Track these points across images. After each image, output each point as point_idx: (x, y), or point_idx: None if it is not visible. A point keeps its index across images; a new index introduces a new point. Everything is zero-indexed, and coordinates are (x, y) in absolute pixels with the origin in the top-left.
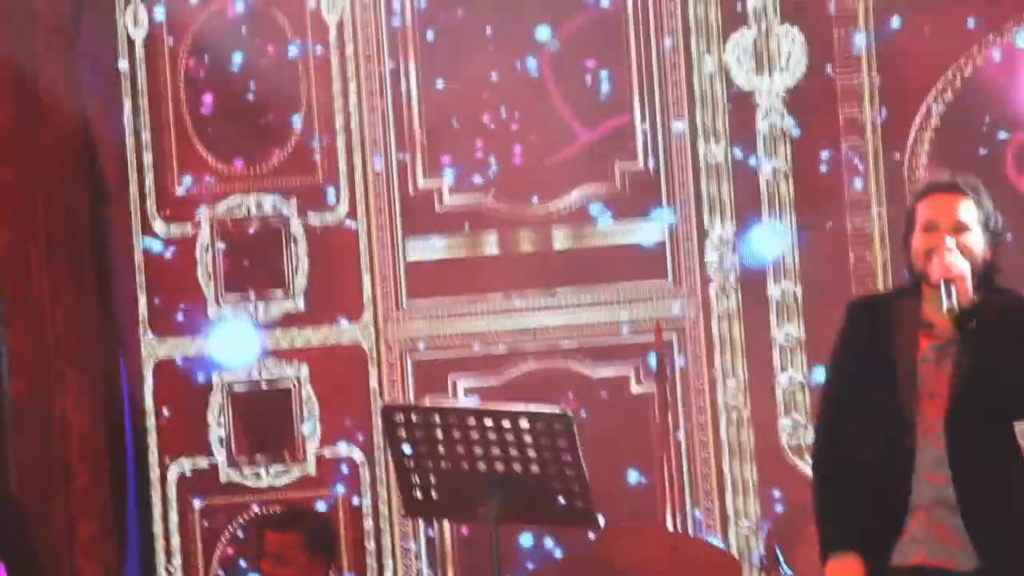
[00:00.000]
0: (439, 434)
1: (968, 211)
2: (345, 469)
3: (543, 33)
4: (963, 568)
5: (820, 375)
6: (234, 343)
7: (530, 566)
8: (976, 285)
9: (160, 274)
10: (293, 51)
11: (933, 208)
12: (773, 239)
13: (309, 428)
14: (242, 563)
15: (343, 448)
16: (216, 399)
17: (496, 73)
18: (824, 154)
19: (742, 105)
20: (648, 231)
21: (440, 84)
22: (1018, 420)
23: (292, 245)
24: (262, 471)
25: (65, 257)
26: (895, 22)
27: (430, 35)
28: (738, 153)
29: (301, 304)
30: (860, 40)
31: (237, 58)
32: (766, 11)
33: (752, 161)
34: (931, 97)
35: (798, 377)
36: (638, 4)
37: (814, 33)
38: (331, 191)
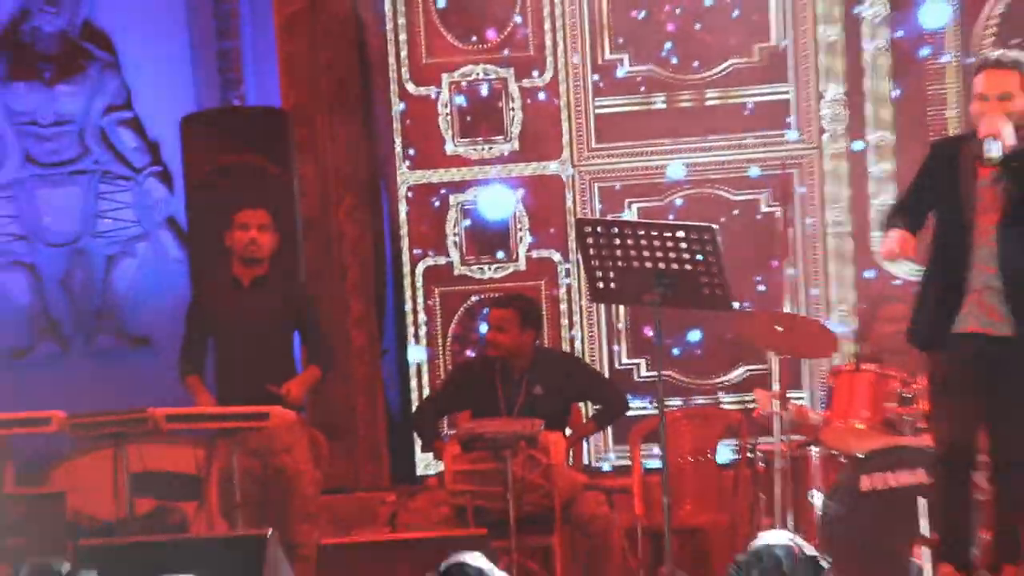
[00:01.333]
0: (617, 241)
1: (1011, 82)
2: (547, 266)
3: None
4: (1002, 334)
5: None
6: (464, 175)
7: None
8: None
9: (411, 123)
10: None
11: (984, 82)
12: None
13: (522, 236)
14: (471, 333)
15: (546, 251)
16: (451, 214)
17: None
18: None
19: None
20: (778, 93)
21: None
22: None
23: (510, 102)
24: (485, 267)
25: (341, 109)
26: None
27: None
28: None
29: (516, 146)
30: None
31: None
32: None
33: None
34: None
35: (889, 201)
36: None
37: None
38: (538, 63)
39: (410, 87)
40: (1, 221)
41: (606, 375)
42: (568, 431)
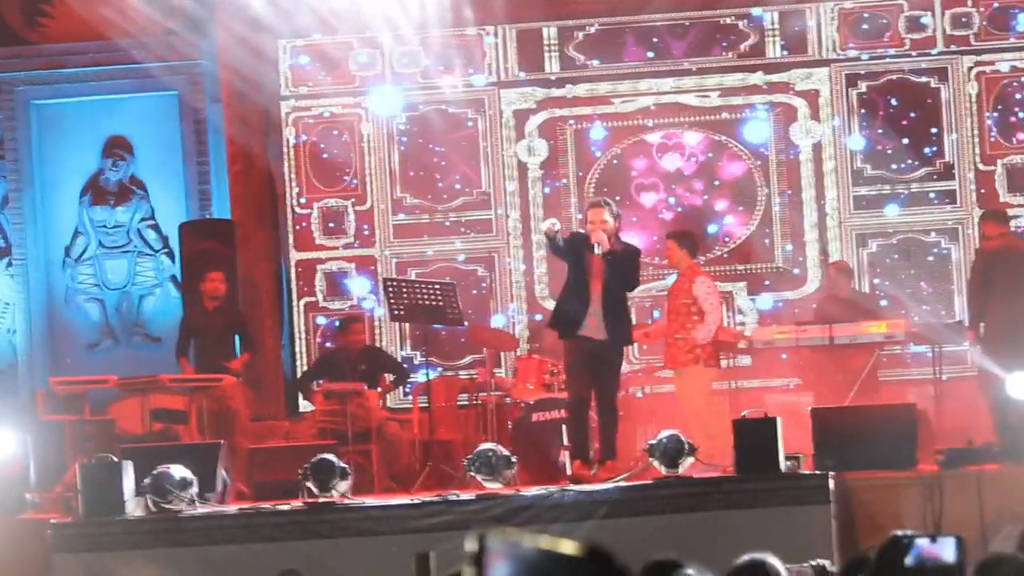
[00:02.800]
0: (404, 290)
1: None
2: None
3: None
4: (600, 337)
5: None
6: (326, 255)
7: None
8: None
9: (298, 228)
10: None
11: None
12: None
13: (358, 287)
14: (328, 337)
15: (373, 295)
16: (318, 275)
17: None
18: None
19: None
20: None
21: None
22: None
23: (347, 218)
24: (337, 304)
25: (261, 220)
26: None
27: None
28: None
29: (353, 240)
30: None
31: None
32: None
33: None
34: None
35: None
36: None
37: None
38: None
39: (297, 209)
40: (86, 277)
41: (399, 358)
42: (379, 388)
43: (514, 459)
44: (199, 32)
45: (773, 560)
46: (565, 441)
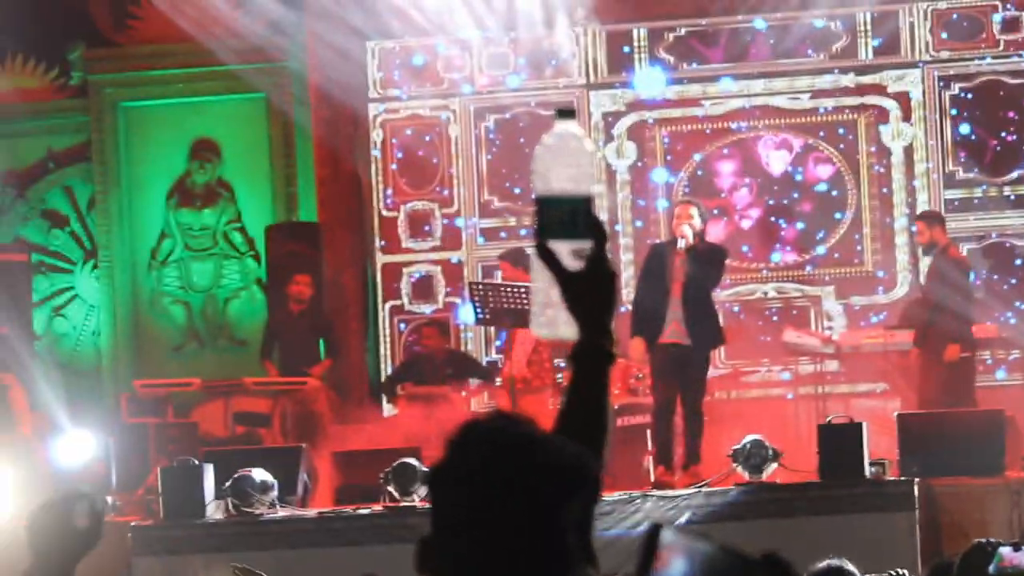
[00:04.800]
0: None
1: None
2: (451, 307)
3: None
4: (687, 343)
5: None
6: (411, 258)
7: None
8: None
9: (383, 232)
10: None
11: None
12: None
13: (440, 291)
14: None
15: (452, 298)
16: (404, 279)
17: None
18: None
19: None
20: None
21: None
22: None
23: (432, 221)
24: (421, 308)
25: (347, 223)
26: None
27: None
28: None
29: (439, 242)
30: None
31: None
32: None
33: None
34: None
35: None
36: None
37: None
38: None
39: (384, 212)
40: (171, 280)
41: (484, 362)
42: (464, 393)
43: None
44: (287, 34)
45: (850, 567)
46: (649, 446)
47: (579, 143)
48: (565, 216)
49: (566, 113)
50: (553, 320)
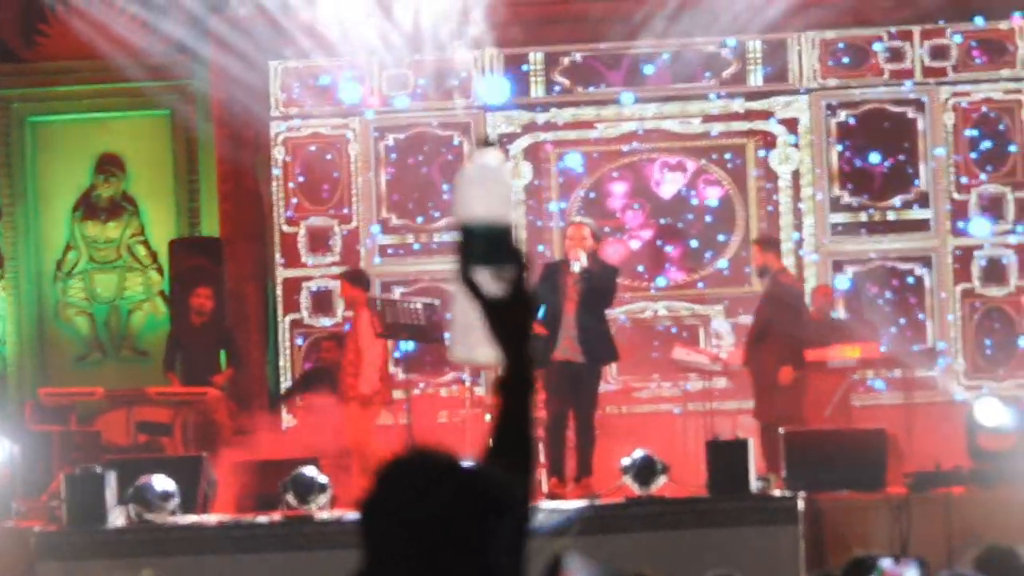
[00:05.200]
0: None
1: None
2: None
3: None
4: (579, 360)
5: None
6: (308, 272)
7: None
8: None
9: (282, 246)
10: None
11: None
12: None
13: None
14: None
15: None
16: (303, 292)
17: None
18: None
19: None
20: None
21: None
22: None
23: (332, 237)
24: (320, 321)
25: (249, 237)
26: None
27: None
28: None
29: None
30: None
31: None
32: None
33: None
34: None
35: None
36: None
37: None
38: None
39: (284, 227)
40: (76, 291)
41: None
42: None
43: None
44: (192, 52)
45: None
46: (542, 459)
47: (498, 172)
48: (487, 243)
49: (487, 143)
50: (473, 346)
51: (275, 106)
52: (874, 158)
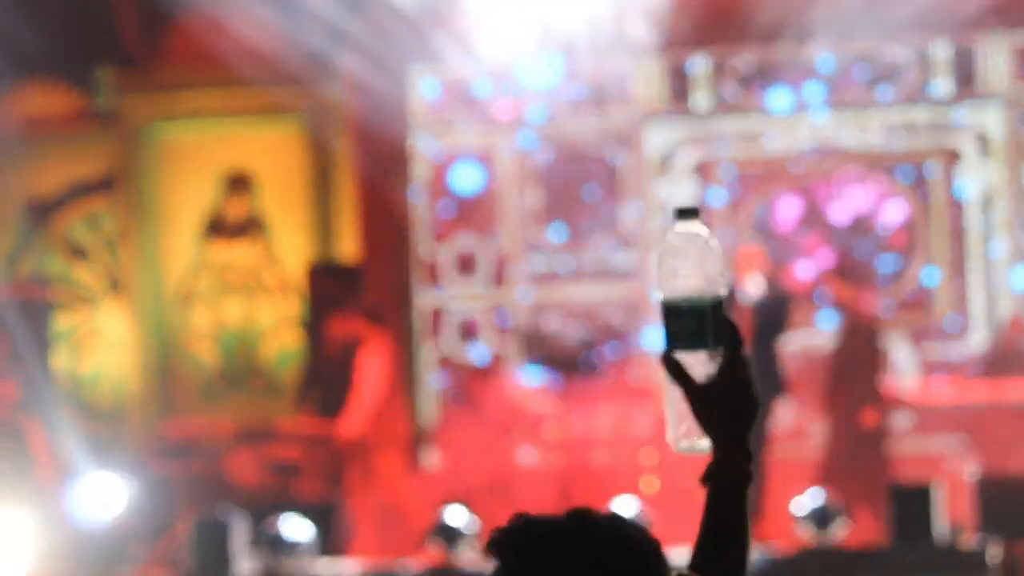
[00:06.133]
0: None
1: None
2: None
3: None
4: None
5: None
6: (462, 295)
7: None
8: None
9: (422, 272)
10: None
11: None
12: None
13: None
14: None
15: None
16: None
17: None
18: None
19: None
20: None
21: None
22: None
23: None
24: None
25: (390, 262)
26: None
27: None
28: None
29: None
30: None
31: None
32: None
33: None
34: None
35: None
36: None
37: None
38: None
39: (427, 249)
40: (203, 318)
41: None
42: None
43: None
44: (326, 59)
45: None
46: None
47: (705, 243)
48: (692, 324)
49: (688, 212)
50: (690, 431)
51: (416, 118)
52: None
